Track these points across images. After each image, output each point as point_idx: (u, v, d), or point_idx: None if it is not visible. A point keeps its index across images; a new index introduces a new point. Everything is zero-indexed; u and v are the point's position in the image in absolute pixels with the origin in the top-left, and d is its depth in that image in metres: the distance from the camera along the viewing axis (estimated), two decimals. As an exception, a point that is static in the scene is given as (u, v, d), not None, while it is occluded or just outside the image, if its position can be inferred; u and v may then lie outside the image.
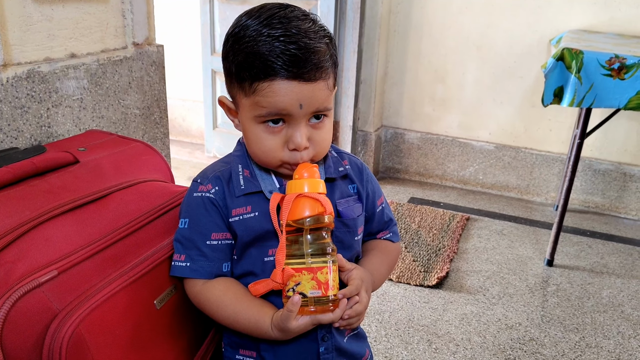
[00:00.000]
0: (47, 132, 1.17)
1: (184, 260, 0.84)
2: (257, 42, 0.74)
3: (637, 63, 1.85)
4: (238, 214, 0.83)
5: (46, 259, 0.78)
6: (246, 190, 0.84)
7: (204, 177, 0.85)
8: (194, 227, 0.84)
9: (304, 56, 0.74)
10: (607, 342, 1.79)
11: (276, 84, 0.75)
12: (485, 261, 2.25)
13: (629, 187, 2.71)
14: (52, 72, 1.15)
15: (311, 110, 0.78)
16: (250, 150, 0.84)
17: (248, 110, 0.79)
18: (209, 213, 0.83)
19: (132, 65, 1.36)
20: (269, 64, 0.74)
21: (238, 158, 0.87)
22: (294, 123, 0.78)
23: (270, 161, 0.82)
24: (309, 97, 0.77)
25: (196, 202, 0.84)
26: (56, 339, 0.72)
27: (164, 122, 1.50)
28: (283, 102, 0.76)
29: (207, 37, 3.06)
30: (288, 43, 0.74)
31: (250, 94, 0.77)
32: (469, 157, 2.97)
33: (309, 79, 0.75)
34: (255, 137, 0.81)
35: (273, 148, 0.80)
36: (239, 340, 0.89)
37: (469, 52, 2.82)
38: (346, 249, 0.89)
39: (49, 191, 0.90)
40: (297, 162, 0.80)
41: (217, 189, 0.84)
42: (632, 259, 2.34)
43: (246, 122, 0.81)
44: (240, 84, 0.78)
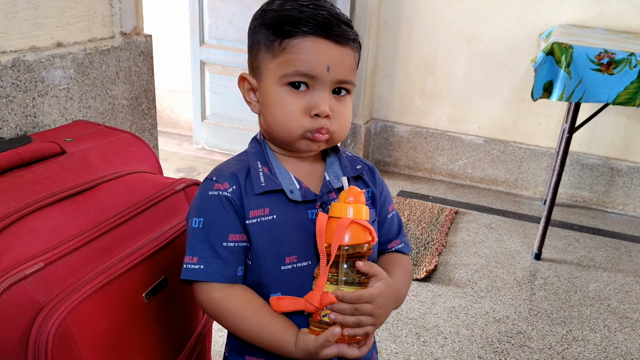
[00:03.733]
0: (33, 122, 1.15)
1: (197, 263, 0.78)
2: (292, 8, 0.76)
3: (626, 58, 1.86)
4: (255, 216, 0.79)
5: (32, 250, 0.77)
6: (267, 187, 0.80)
7: (220, 175, 0.81)
8: (209, 228, 0.79)
9: (335, 20, 0.76)
10: (593, 335, 1.80)
11: (307, 40, 0.75)
12: (473, 254, 2.25)
13: (616, 182, 2.73)
14: (38, 61, 1.13)
15: (337, 78, 0.77)
16: (271, 119, 0.80)
17: (274, 72, 0.77)
18: (227, 212, 0.79)
19: (120, 55, 1.34)
20: (303, 21, 0.75)
21: (255, 155, 0.84)
22: (319, 89, 0.77)
23: (292, 127, 0.78)
24: (337, 61, 0.76)
25: (212, 200, 0.79)
26: (42, 332, 0.71)
27: (152, 113, 1.48)
28: (312, 60, 0.75)
29: (196, 27, 3.03)
30: (322, 10, 0.76)
31: (279, 54, 0.76)
32: (458, 151, 2.97)
33: (339, 42, 0.76)
34: (278, 101, 0.78)
35: (296, 112, 0.77)
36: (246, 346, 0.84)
37: (459, 45, 2.82)
38: None
39: (35, 182, 0.88)
40: (320, 129, 0.78)
41: (234, 187, 0.79)
42: (618, 252, 2.36)
43: (269, 87, 0.79)
44: (270, 46, 0.77)
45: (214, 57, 3.06)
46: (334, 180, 0.85)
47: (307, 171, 0.85)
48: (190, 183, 1.03)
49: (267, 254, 0.80)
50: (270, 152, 0.84)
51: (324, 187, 0.83)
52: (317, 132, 0.78)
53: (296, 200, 0.81)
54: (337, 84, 0.78)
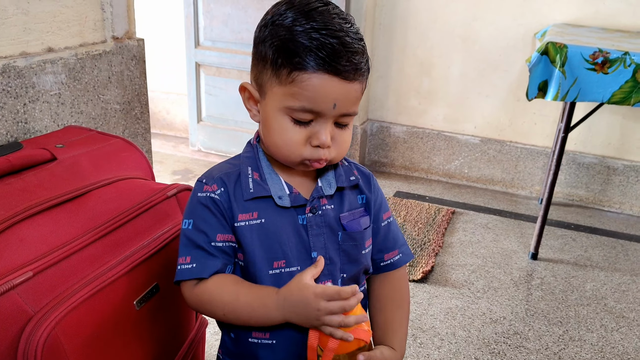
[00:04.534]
0: (24, 128, 1.14)
1: (190, 262, 0.79)
2: (303, 32, 0.72)
3: (620, 57, 1.85)
4: (244, 219, 0.80)
5: (21, 260, 0.76)
6: (255, 194, 0.80)
7: (210, 178, 0.81)
8: (198, 228, 0.80)
9: (347, 54, 0.73)
10: (590, 335, 1.80)
11: (316, 77, 0.73)
12: (470, 255, 2.25)
13: (613, 181, 2.73)
14: (29, 66, 1.13)
15: (342, 112, 0.77)
16: (270, 141, 0.80)
17: (279, 99, 0.76)
18: (214, 214, 0.80)
19: (112, 60, 1.33)
20: (314, 55, 0.72)
21: (248, 160, 0.84)
22: (322, 121, 0.77)
23: (291, 155, 0.79)
24: (343, 97, 0.75)
25: (201, 201, 0.80)
26: (31, 343, 0.70)
27: (145, 117, 1.48)
28: (319, 98, 0.74)
29: (191, 29, 3.03)
30: (332, 38, 0.72)
31: (286, 83, 0.74)
32: (455, 151, 2.97)
33: (348, 77, 0.74)
34: (280, 128, 0.77)
35: (296, 141, 0.77)
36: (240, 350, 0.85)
37: (455, 45, 2.81)
38: (352, 262, 0.86)
39: (24, 189, 0.88)
40: (319, 159, 0.78)
41: (222, 190, 0.80)
42: (615, 252, 2.35)
43: (272, 111, 0.78)
44: (277, 71, 0.75)
45: (209, 59, 3.05)
46: (326, 187, 0.85)
47: (299, 176, 0.85)
48: (181, 188, 1.02)
49: (256, 257, 0.80)
50: (263, 157, 0.84)
51: (314, 192, 0.83)
52: (315, 162, 0.79)
53: (285, 206, 0.81)
54: (341, 117, 0.78)
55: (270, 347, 0.82)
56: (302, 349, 0.80)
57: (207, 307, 0.80)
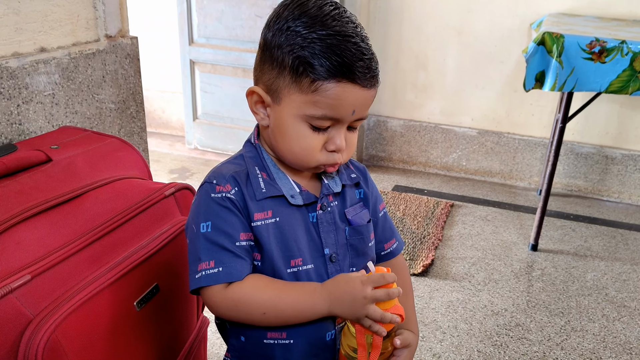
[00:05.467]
0: (19, 129, 1.13)
1: (214, 266, 0.76)
2: (321, 42, 0.72)
3: (617, 46, 1.84)
4: (259, 218, 0.79)
5: (18, 263, 0.75)
6: (268, 193, 0.80)
7: (221, 178, 0.79)
8: (219, 229, 0.77)
9: (366, 62, 0.74)
10: (592, 325, 1.80)
11: (340, 86, 0.73)
12: (470, 247, 2.24)
13: (611, 170, 2.73)
14: (21, 67, 1.11)
15: (358, 117, 0.78)
16: (285, 147, 0.79)
17: (298, 107, 0.75)
18: (233, 213, 0.78)
19: (106, 59, 1.32)
20: (336, 64, 0.72)
21: (252, 160, 0.83)
22: (339, 126, 0.77)
23: (307, 161, 0.79)
24: (362, 103, 0.76)
25: (217, 202, 0.78)
26: (31, 347, 0.69)
27: (141, 116, 1.46)
28: (341, 106, 0.74)
29: (185, 26, 3.01)
30: (351, 45, 0.73)
31: (308, 92, 0.74)
32: (452, 144, 2.96)
33: (367, 85, 0.75)
34: (298, 135, 0.77)
35: (314, 147, 0.78)
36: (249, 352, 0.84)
37: (450, 38, 2.80)
38: (360, 256, 0.87)
39: (20, 192, 0.86)
40: (334, 163, 0.80)
41: (236, 189, 0.79)
42: (615, 241, 2.35)
43: (289, 118, 0.77)
44: (297, 78, 0.74)
45: (204, 56, 3.03)
46: (332, 184, 0.86)
47: (303, 174, 0.85)
48: (179, 187, 1.01)
49: (274, 256, 0.80)
50: (267, 156, 0.84)
51: (324, 189, 0.84)
52: (330, 166, 0.80)
53: (298, 204, 0.81)
54: (355, 121, 0.79)
55: (287, 346, 0.82)
56: (318, 347, 0.82)
57: (242, 309, 0.77)
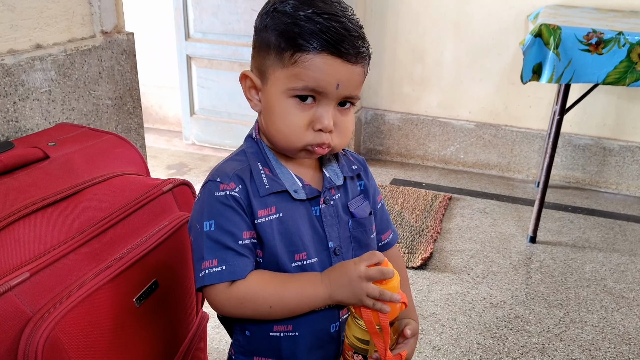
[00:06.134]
0: (15, 126, 1.12)
1: (218, 265, 0.76)
2: (305, 17, 0.74)
3: (614, 37, 1.84)
4: (263, 215, 0.79)
5: (17, 260, 0.75)
6: (271, 189, 0.80)
7: (224, 176, 0.79)
8: (222, 228, 0.77)
9: (349, 36, 0.75)
10: (590, 316, 1.80)
11: (319, 57, 0.74)
12: (468, 240, 2.25)
13: (609, 162, 2.73)
14: (17, 64, 1.11)
15: (345, 94, 0.78)
16: (272, 127, 0.80)
17: (282, 82, 0.76)
18: (237, 211, 0.78)
19: (102, 55, 1.31)
20: (316, 36, 0.73)
21: (254, 155, 0.83)
22: (324, 103, 0.77)
23: (293, 140, 0.78)
24: (346, 78, 0.76)
25: (220, 201, 0.78)
26: (31, 344, 0.69)
27: (138, 112, 1.46)
28: (322, 78, 0.75)
29: (181, 21, 3.00)
30: (335, 22, 0.74)
31: (289, 65, 0.75)
32: (450, 137, 2.96)
33: (350, 60, 0.76)
34: (283, 112, 0.78)
35: (299, 125, 0.77)
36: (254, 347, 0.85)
37: (447, 30, 2.79)
38: (363, 247, 0.88)
39: (18, 189, 0.86)
40: (322, 144, 0.79)
41: (240, 187, 0.79)
42: (613, 232, 2.36)
43: (275, 96, 0.78)
44: (280, 54, 0.76)
45: (200, 51, 3.03)
46: (334, 177, 0.86)
47: (305, 168, 0.85)
48: (177, 183, 1.01)
49: (278, 251, 0.80)
50: (269, 151, 0.84)
51: (326, 183, 0.85)
52: (318, 147, 0.79)
53: (301, 199, 0.82)
54: (344, 98, 0.79)
55: (293, 339, 0.82)
56: (323, 339, 0.83)
57: (248, 306, 0.78)
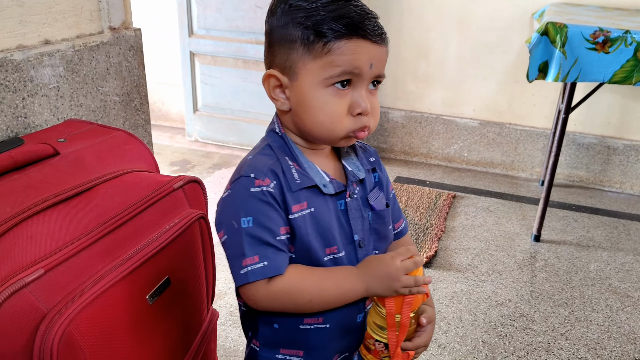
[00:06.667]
0: (24, 122, 1.12)
1: (259, 261, 0.76)
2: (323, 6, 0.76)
3: (621, 36, 1.84)
4: (297, 210, 0.80)
5: (31, 257, 0.75)
6: (303, 184, 0.80)
7: (258, 171, 0.79)
8: (261, 224, 0.77)
9: (372, 20, 0.77)
10: (595, 315, 1.80)
11: (353, 42, 0.76)
12: (473, 239, 2.25)
13: (613, 160, 2.73)
14: (26, 60, 1.10)
15: (376, 73, 0.79)
16: (311, 120, 0.80)
17: (316, 73, 0.77)
18: (273, 208, 0.78)
19: (110, 51, 1.31)
20: (343, 23, 0.75)
21: (281, 150, 0.83)
22: (359, 86, 0.79)
23: (336, 129, 0.79)
24: (378, 58, 0.78)
25: (257, 197, 0.78)
26: (46, 341, 0.69)
27: (145, 109, 1.45)
28: (358, 59, 0.76)
29: (184, 18, 2.99)
30: (353, 6, 0.76)
31: (322, 55, 0.76)
32: (454, 135, 2.96)
33: (377, 40, 0.78)
34: (321, 103, 0.78)
35: (339, 113, 0.78)
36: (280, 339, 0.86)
37: (451, 28, 2.79)
38: (382, 239, 0.89)
39: (30, 186, 0.86)
40: (363, 127, 0.80)
41: (275, 183, 0.79)
42: (617, 231, 2.36)
43: (309, 88, 0.78)
44: (309, 46, 0.77)
45: (204, 48, 3.02)
46: (355, 170, 0.87)
47: (327, 163, 0.87)
48: (188, 180, 1.01)
49: (311, 246, 0.81)
50: (294, 146, 0.84)
51: (351, 176, 0.86)
52: (359, 131, 0.80)
53: (330, 194, 0.83)
54: (375, 78, 0.80)
55: (322, 330, 0.84)
56: (349, 329, 0.86)
57: (288, 300, 0.79)
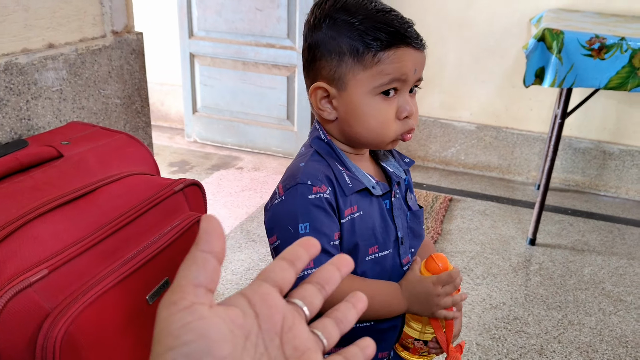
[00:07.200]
0: (28, 124, 1.14)
1: (314, 266, 0.78)
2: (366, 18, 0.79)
3: (617, 43, 1.86)
4: (348, 214, 0.84)
5: (36, 257, 0.77)
6: (355, 188, 0.84)
7: (314, 178, 0.82)
8: (318, 230, 0.81)
9: (411, 27, 0.82)
10: (588, 318, 1.83)
11: (401, 50, 0.80)
12: (468, 242, 2.27)
13: (608, 165, 2.75)
14: (31, 63, 1.12)
15: (419, 77, 0.84)
16: (362, 128, 0.84)
17: (366, 83, 0.81)
18: (329, 214, 0.82)
19: (112, 54, 1.33)
20: (388, 32, 0.79)
21: (330, 156, 0.87)
22: (403, 91, 0.83)
23: (388, 134, 0.84)
24: (420, 63, 0.83)
25: (315, 204, 0.81)
26: (49, 339, 0.71)
27: (146, 111, 1.48)
28: (406, 66, 0.80)
29: (185, 20, 3.01)
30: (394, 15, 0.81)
31: (372, 65, 0.80)
32: (451, 138, 2.98)
33: (420, 47, 0.82)
34: (372, 110, 0.82)
35: (389, 118, 0.83)
36: None
37: (450, 32, 2.81)
38: (417, 238, 0.94)
39: (34, 187, 0.88)
40: (410, 130, 0.85)
41: (330, 189, 0.83)
42: (612, 236, 2.38)
43: (359, 97, 0.82)
44: (359, 57, 0.80)
45: (204, 50, 3.04)
46: (396, 171, 0.93)
47: (369, 166, 0.92)
48: (188, 183, 1.03)
49: (356, 247, 0.85)
50: (341, 152, 0.88)
51: (395, 177, 0.91)
52: (406, 133, 0.85)
53: (378, 195, 0.87)
54: (417, 82, 0.85)
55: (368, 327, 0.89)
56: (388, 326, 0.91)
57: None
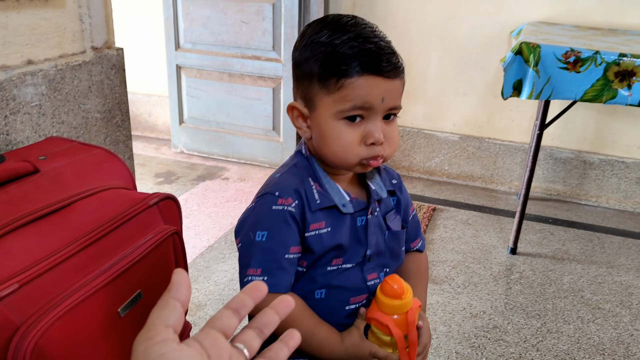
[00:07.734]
0: (6, 140, 1.16)
1: (261, 274, 0.83)
2: (342, 44, 0.80)
3: (591, 56, 1.90)
4: (315, 229, 0.86)
5: (7, 272, 0.78)
6: (322, 204, 0.86)
7: (284, 190, 0.85)
8: (274, 240, 0.84)
9: (385, 56, 0.81)
10: (567, 327, 1.85)
11: (362, 79, 0.80)
12: (451, 251, 2.30)
13: (589, 175, 2.79)
14: (9, 79, 1.14)
15: (389, 106, 0.83)
16: (327, 149, 0.85)
17: (330, 107, 0.82)
18: (290, 227, 0.84)
19: (92, 70, 1.35)
20: (357, 61, 0.79)
21: (305, 171, 0.89)
22: (372, 118, 0.83)
23: (349, 157, 0.84)
24: (389, 92, 0.82)
25: (277, 215, 0.84)
26: (18, 352, 0.72)
27: (126, 125, 1.50)
28: (369, 94, 0.81)
29: (171, 32, 3.04)
30: (369, 44, 0.80)
31: (335, 91, 0.81)
32: (435, 148, 3.02)
33: (390, 76, 0.82)
34: (335, 133, 0.83)
35: (352, 142, 0.83)
36: None
37: (432, 44, 2.85)
38: (395, 258, 0.95)
39: (9, 202, 0.89)
40: (376, 156, 0.84)
41: (297, 202, 0.85)
42: (592, 244, 2.41)
43: (324, 120, 0.84)
44: (324, 82, 0.82)
45: (190, 61, 3.06)
46: (378, 190, 0.93)
47: (351, 182, 0.93)
48: (162, 197, 1.04)
49: (321, 259, 0.87)
50: (319, 167, 0.90)
51: (374, 195, 0.92)
52: (372, 159, 0.84)
53: (349, 212, 0.88)
54: (389, 110, 0.84)
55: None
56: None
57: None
